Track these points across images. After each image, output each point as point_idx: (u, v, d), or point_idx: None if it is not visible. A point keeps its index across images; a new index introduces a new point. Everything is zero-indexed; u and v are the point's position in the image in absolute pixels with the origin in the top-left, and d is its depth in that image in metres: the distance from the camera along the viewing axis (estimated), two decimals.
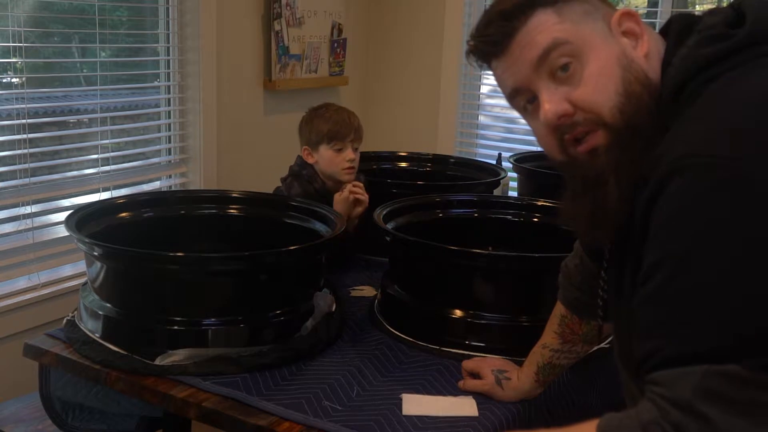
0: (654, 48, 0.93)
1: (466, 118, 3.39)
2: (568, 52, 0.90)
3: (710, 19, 0.89)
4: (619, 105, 0.88)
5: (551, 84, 0.91)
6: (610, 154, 0.89)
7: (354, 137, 1.95)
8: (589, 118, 0.90)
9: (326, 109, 1.98)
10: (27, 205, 2.21)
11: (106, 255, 1.41)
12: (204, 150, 2.69)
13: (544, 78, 0.91)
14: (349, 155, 1.94)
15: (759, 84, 0.82)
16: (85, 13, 2.37)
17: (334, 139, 1.93)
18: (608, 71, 0.89)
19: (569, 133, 0.91)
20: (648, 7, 3.25)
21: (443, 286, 1.52)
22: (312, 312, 1.49)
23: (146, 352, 1.36)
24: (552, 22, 0.91)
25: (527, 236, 1.81)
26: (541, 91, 0.92)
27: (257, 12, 2.85)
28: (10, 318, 2.11)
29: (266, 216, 1.78)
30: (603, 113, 0.89)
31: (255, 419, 1.22)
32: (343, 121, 1.94)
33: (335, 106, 2.01)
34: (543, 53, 0.90)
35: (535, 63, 0.91)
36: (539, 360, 1.30)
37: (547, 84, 0.91)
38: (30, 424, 1.72)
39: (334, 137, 1.93)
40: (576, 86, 0.90)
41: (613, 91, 0.89)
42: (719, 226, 0.76)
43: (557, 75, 0.91)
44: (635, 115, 0.88)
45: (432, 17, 3.28)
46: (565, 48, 0.90)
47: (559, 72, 0.90)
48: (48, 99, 2.37)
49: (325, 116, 1.95)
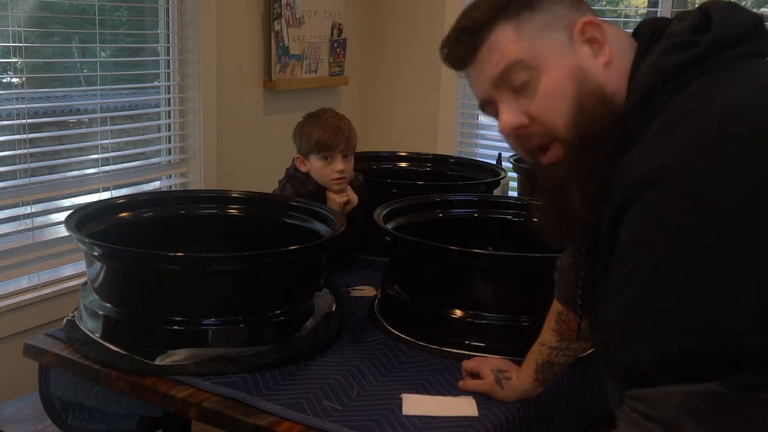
0: (618, 55, 0.93)
1: (466, 118, 3.39)
2: (525, 68, 0.93)
3: (678, 26, 0.90)
4: (572, 118, 0.91)
5: (510, 96, 0.95)
6: (566, 166, 0.92)
7: (345, 147, 1.89)
8: (544, 131, 0.93)
9: (318, 118, 1.92)
10: (27, 205, 2.21)
11: (106, 255, 1.41)
12: (204, 150, 2.69)
13: (504, 92, 0.95)
14: (338, 167, 1.89)
15: (725, 93, 0.82)
16: (85, 13, 2.37)
17: (323, 150, 1.88)
18: (562, 85, 0.92)
19: (527, 144, 0.96)
20: (648, 8, 3.25)
21: (443, 286, 1.52)
22: (312, 312, 1.49)
23: (146, 352, 1.36)
24: (510, 40, 0.93)
25: (527, 236, 1.81)
26: (501, 103, 0.96)
27: (257, 12, 2.85)
28: (10, 318, 2.12)
29: (266, 216, 1.78)
30: (557, 126, 0.92)
31: (255, 419, 1.22)
32: (333, 132, 1.88)
33: (330, 113, 1.95)
34: (501, 73, 0.94)
35: (495, 81, 0.95)
36: (538, 358, 1.30)
37: (507, 97, 0.95)
38: (30, 424, 1.72)
39: (323, 148, 1.88)
40: (532, 99, 0.93)
41: (568, 105, 0.91)
42: (689, 240, 0.75)
43: (516, 88, 0.94)
44: (589, 127, 0.90)
45: (432, 17, 3.28)
46: (522, 65, 0.93)
47: (518, 87, 0.94)
48: (48, 99, 2.38)
49: (317, 125, 1.90)
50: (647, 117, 0.86)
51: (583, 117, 0.90)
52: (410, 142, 3.22)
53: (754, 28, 0.89)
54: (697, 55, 0.85)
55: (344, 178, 1.91)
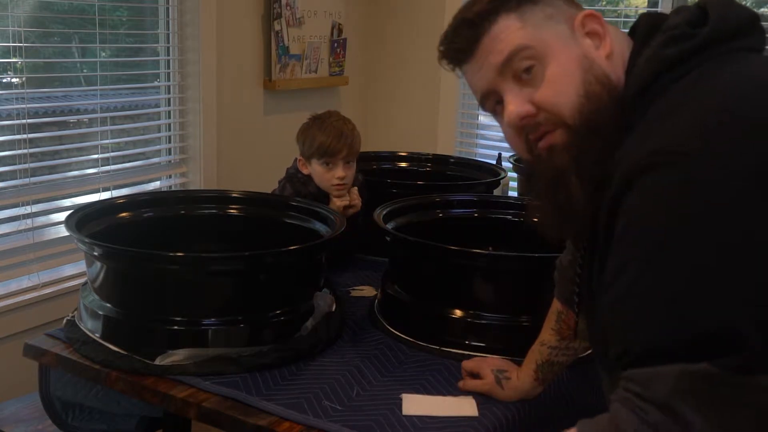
0: (618, 48, 0.95)
1: (466, 118, 3.39)
2: (530, 56, 0.93)
3: (674, 19, 0.91)
4: (579, 106, 0.91)
5: (515, 86, 0.95)
6: (568, 153, 0.91)
7: (347, 154, 1.88)
8: (550, 119, 0.93)
9: (323, 122, 1.90)
10: (27, 205, 2.21)
11: (106, 255, 1.41)
12: (204, 150, 2.69)
13: (509, 81, 0.95)
14: (339, 173, 1.87)
15: (722, 81, 0.83)
16: (85, 13, 2.37)
17: (325, 155, 1.87)
18: (569, 73, 0.92)
19: (533, 134, 0.95)
20: (648, 7, 3.25)
21: (443, 286, 1.52)
22: (312, 312, 1.49)
23: (146, 352, 1.36)
24: (515, 28, 0.94)
25: (527, 236, 1.80)
26: (505, 93, 0.95)
27: (257, 12, 2.85)
28: (10, 318, 2.12)
29: (266, 216, 1.78)
30: (563, 114, 0.91)
31: (255, 419, 1.22)
32: (336, 137, 1.86)
33: (335, 117, 1.93)
34: (507, 58, 0.93)
35: (499, 67, 0.94)
36: (538, 358, 1.31)
37: (512, 86, 0.95)
38: (30, 424, 1.72)
39: (325, 153, 1.87)
40: (538, 87, 0.93)
41: (574, 92, 0.91)
42: (686, 225, 0.76)
43: (521, 77, 0.94)
44: (595, 115, 0.90)
45: (432, 17, 3.28)
46: (528, 52, 0.93)
47: (523, 74, 0.94)
48: (48, 99, 2.38)
49: (321, 129, 1.88)
50: (644, 107, 0.87)
51: (590, 105, 0.90)
52: (410, 142, 3.22)
53: (749, 24, 0.90)
54: (694, 47, 0.86)
55: (345, 184, 1.90)
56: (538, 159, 0.96)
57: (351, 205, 1.91)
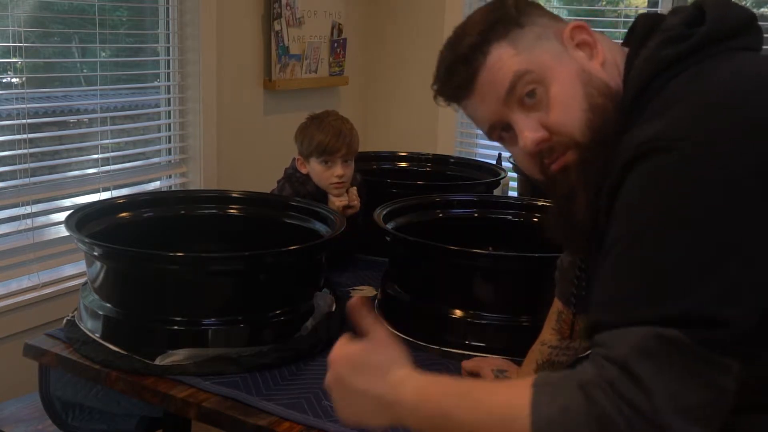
0: (609, 55, 0.95)
1: (466, 118, 3.38)
2: (532, 80, 0.93)
3: (672, 20, 0.91)
4: (586, 121, 0.91)
5: (522, 113, 0.95)
6: (579, 170, 0.92)
7: (345, 152, 1.89)
8: (563, 141, 0.93)
9: (321, 121, 1.91)
10: (27, 205, 2.21)
11: (106, 255, 1.41)
12: (204, 150, 2.69)
13: (515, 109, 0.95)
14: (338, 171, 1.88)
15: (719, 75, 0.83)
16: (85, 13, 2.37)
17: (324, 154, 1.87)
18: (571, 90, 0.92)
19: (548, 158, 0.95)
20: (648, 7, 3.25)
21: (443, 286, 1.52)
22: (312, 312, 1.49)
23: (146, 352, 1.36)
24: (509, 55, 0.94)
25: (527, 236, 1.81)
26: (515, 121, 0.95)
27: (257, 12, 2.85)
28: (10, 318, 2.11)
29: (266, 216, 1.78)
30: (575, 134, 0.92)
31: (255, 419, 1.22)
32: (335, 136, 1.87)
33: (333, 116, 1.94)
34: (509, 88, 0.94)
35: (503, 98, 0.94)
36: (538, 358, 1.30)
37: (519, 114, 0.95)
38: (30, 424, 1.72)
39: (324, 152, 1.87)
40: (546, 110, 0.93)
41: (579, 108, 0.92)
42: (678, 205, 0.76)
43: (525, 102, 0.94)
44: (603, 127, 0.90)
45: (432, 17, 3.28)
46: (528, 77, 0.93)
47: (526, 99, 0.94)
48: (48, 99, 2.38)
49: (319, 128, 1.89)
50: (641, 107, 0.87)
51: (596, 118, 0.91)
52: (410, 142, 3.22)
53: (747, 24, 0.90)
54: (691, 46, 0.86)
55: (343, 182, 1.91)
56: (552, 180, 0.96)
57: (350, 205, 1.92)
